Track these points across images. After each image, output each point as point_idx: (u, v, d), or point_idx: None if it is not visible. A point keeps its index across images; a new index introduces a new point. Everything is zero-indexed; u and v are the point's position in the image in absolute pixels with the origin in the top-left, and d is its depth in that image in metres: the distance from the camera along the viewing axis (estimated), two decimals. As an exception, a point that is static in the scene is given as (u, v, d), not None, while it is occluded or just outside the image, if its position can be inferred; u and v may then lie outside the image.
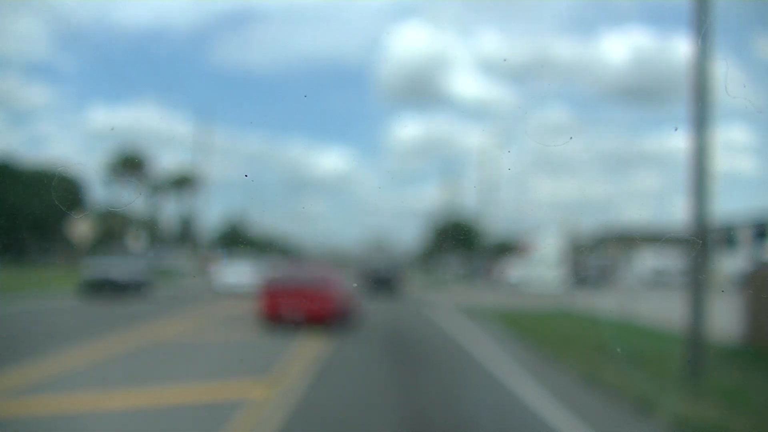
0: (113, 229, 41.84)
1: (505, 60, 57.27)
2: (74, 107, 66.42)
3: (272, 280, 16.82)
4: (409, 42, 72.15)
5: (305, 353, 11.94)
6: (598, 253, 45.00)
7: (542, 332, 15.75)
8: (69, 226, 29.64)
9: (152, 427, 7.08)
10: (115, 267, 24.18)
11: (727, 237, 38.06)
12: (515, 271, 42.99)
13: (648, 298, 24.20)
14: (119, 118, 58.35)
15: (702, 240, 10.53)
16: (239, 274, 28.67)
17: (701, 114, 9.65)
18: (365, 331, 16.39)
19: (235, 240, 52.98)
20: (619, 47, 71.34)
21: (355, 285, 20.23)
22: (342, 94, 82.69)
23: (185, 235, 51.25)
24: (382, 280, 30.11)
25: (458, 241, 53.72)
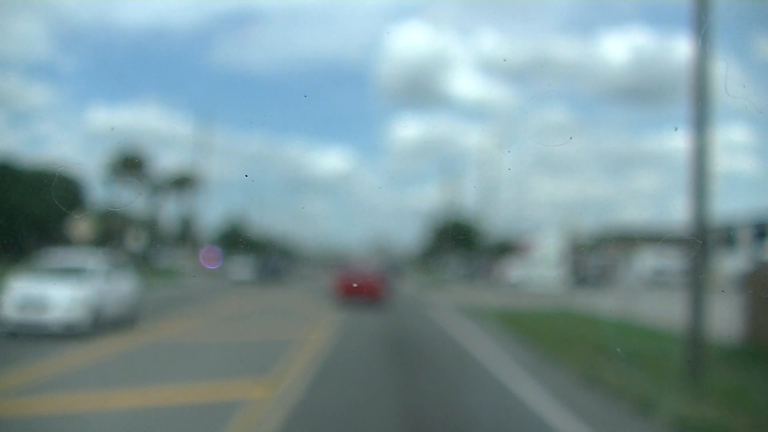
0: (113, 229, 41.83)
1: (505, 60, 57.30)
2: (74, 107, 66.45)
3: (342, 274, 24.93)
4: (409, 42, 72.16)
5: (306, 352, 11.94)
6: (598, 253, 45.01)
7: (542, 332, 15.75)
8: (69, 226, 29.63)
9: (152, 427, 7.08)
10: None
11: (727, 237, 38.03)
12: (515, 271, 43.02)
13: (648, 298, 24.21)
14: (119, 118, 58.40)
15: (702, 240, 10.53)
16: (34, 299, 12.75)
17: (701, 114, 9.65)
18: (365, 330, 16.40)
19: (235, 240, 52.93)
20: (619, 47, 71.37)
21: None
22: (342, 94, 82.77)
23: (185, 235, 51.21)
24: None
25: (458, 241, 53.74)
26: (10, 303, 12.71)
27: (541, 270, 40.40)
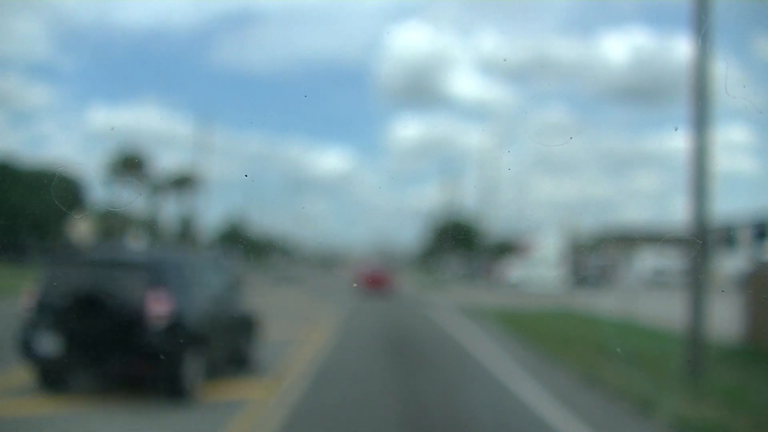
0: (113, 229, 41.82)
1: (505, 60, 57.27)
2: (74, 107, 66.43)
3: (362, 271, 33.50)
4: (409, 42, 72.13)
5: (306, 352, 11.95)
6: (598, 253, 45.00)
7: (542, 332, 15.74)
8: (69, 226, 29.61)
9: (153, 427, 7.08)
10: None
11: (727, 237, 38.01)
12: (515, 271, 42.98)
13: (648, 298, 24.20)
14: (119, 118, 58.31)
15: (702, 240, 10.53)
16: None
17: (701, 114, 9.65)
18: (365, 330, 16.39)
19: (235, 240, 52.93)
20: (619, 47, 71.36)
21: (355, 285, 29.65)
22: (342, 94, 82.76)
23: (185, 235, 51.21)
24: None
25: (458, 241, 53.72)
26: None
27: (541, 270, 40.37)
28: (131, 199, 58.62)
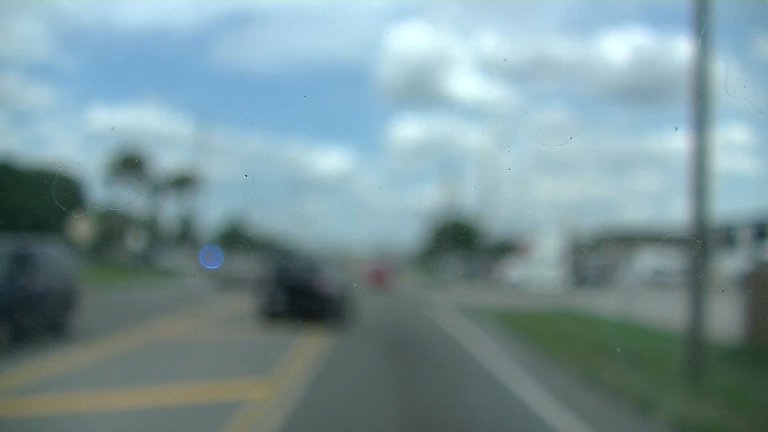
0: (113, 229, 41.81)
1: (505, 60, 57.02)
2: (74, 107, 66.32)
3: (368, 270, 35.71)
4: (409, 42, 72.20)
5: (306, 353, 11.95)
6: (598, 253, 44.97)
7: (542, 332, 15.75)
8: (69, 226, 29.57)
9: (152, 427, 7.08)
10: None
11: (727, 237, 37.96)
12: (515, 271, 42.98)
13: (648, 298, 24.20)
14: (119, 118, 58.29)
15: (702, 240, 10.53)
16: None
17: (701, 114, 9.65)
18: (365, 330, 16.39)
19: (236, 240, 52.92)
20: (619, 47, 71.33)
21: (355, 285, 28.49)
22: (342, 94, 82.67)
23: (185, 235, 51.18)
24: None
25: (458, 241, 53.70)
26: None
27: (541, 270, 40.37)
28: (131, 199, 58.66)
